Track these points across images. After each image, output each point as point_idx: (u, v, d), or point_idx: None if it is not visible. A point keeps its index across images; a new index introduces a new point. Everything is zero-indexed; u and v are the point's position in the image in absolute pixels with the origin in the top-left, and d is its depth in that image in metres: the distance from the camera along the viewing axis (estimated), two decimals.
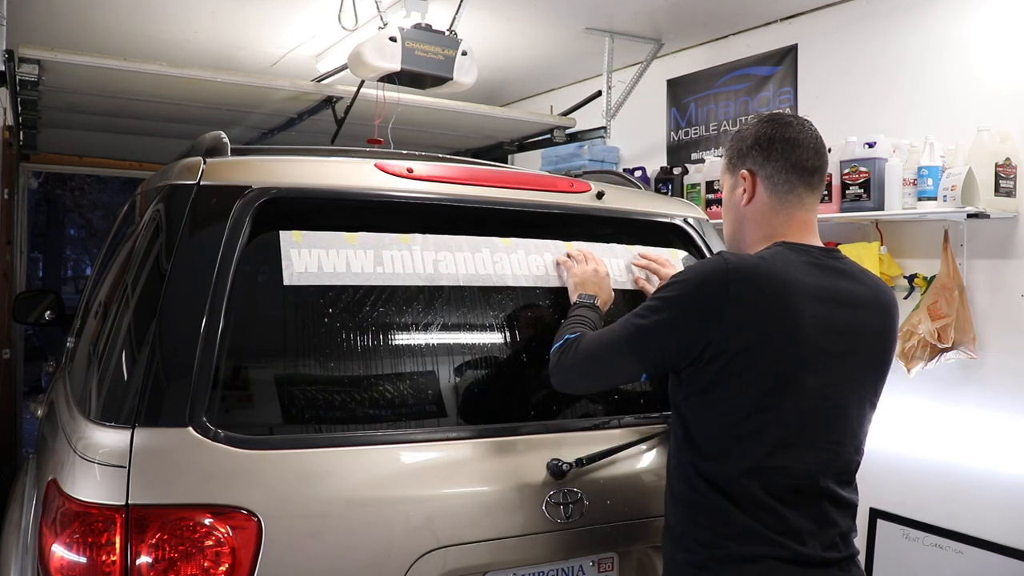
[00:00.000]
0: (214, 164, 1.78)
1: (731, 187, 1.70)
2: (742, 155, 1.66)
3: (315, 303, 1.75)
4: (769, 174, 1.62)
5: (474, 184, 2.00)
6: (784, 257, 1.55)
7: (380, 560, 1.58)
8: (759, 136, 1.64)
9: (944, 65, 3.33)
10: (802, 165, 1.62)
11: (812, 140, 1.64)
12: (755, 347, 1.47)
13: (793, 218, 1.62)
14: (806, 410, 1.50)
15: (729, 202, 1.71)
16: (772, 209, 1.62)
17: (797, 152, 1.61)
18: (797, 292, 1.50)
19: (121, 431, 1.48)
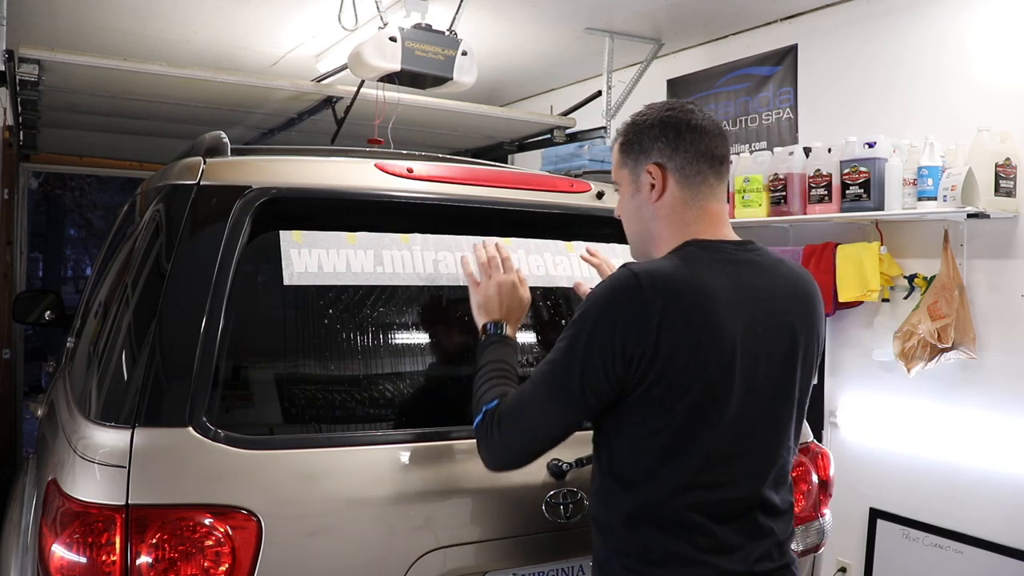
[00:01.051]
0: (214, 164, 1.78)
1: (632, 184, 1.57)
2: (644, 148, 1.53)
3: (315, 303, 1.75)
4: (679, 165, 1.51)
5: (474, 184, 2.00)
6: (696, 258, 1.45)
7: (380, 560, 1.58)
8: (664, 126, 1.52)
9: (944, 65, 3.33)
10: (712, 153, 1.52)
11: (716, 126, 1.54)
12: (677, 361, 1.37)
13: (706, 211, 1.52)
14: (735, 420, 1.42)
15: (631, 201, 1.58)
16: (684, 203, 1.51)
17: (706, 140, 1.51)
18: (714, 296, 1.40)
19: (121, 431, 1.48)
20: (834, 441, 3.72)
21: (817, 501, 2.02)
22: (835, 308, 3.56)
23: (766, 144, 4.05)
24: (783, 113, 4.03)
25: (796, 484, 1.98)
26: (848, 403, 3.70)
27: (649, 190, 1.54)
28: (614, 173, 1.65)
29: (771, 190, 3.62)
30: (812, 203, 3.48)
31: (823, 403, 3.77)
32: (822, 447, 2.10)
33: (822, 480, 2.03)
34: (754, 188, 3.67)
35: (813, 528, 2.00)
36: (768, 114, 4.10)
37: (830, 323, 3.72)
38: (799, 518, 1.96)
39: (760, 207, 3.66)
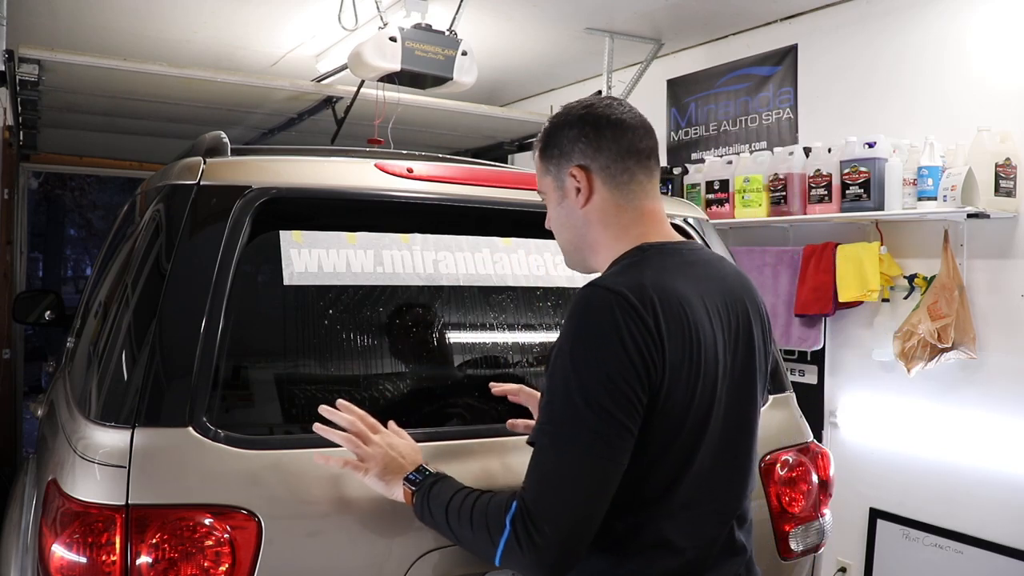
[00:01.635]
0: (214, 164, 1.78)
1: (557, 191, 1.45)
2: (565, 151, 1.42)
3: (315, 303, 1.75)
4: (604, 165, 1.40)
5: (474, 184, 2.00)
6: (659, 264, 1.35)
7: (380, 560, 1.58)
8: (583, 124, 1.41)
9: (944, 65, 3.33)
10: (636, 148, 1.41)
11: (639, 119, 1.44)
12: (681, 377, 1.28)
13: (643, 211, 1.42)
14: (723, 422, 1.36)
15: (560, 209, 1.46)
16: (617, 205, 1.41)
17: (628, 135, 1.41)
18: (692, 302, 1.32)
19: (121, 431, 1.48)
20: (834, 441, 3.72)
21: (817, 501, 2.02)
22: (835, 308, 3.56)
23: (766, 144, 4.06)
24: (783, 113, 4.03)
25: (796, 484, 1.98)
26: (848, 403, 3.70)
27: (575, 195, 1.42)
28: (537, 182, 1.52)
29: (771, 190, 3.63)
30: (812, 203, 3.48)
31: (823, 403, 3.77)
32: (822, 447, 2.10)
33: (822, 480, 2.03)
34: (754, 188, 3.67)
35: (813, 528, 2.00)
36: (768, 114, 4.10)
37: (830, 323, 3.73)
38: (800, 518, 1.97)
39: (760, 207, 3.66)
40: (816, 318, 3.68)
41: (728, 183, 3.84)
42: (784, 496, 1.95)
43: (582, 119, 1.42)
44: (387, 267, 1.82)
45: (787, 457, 1.99)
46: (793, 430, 2.08)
